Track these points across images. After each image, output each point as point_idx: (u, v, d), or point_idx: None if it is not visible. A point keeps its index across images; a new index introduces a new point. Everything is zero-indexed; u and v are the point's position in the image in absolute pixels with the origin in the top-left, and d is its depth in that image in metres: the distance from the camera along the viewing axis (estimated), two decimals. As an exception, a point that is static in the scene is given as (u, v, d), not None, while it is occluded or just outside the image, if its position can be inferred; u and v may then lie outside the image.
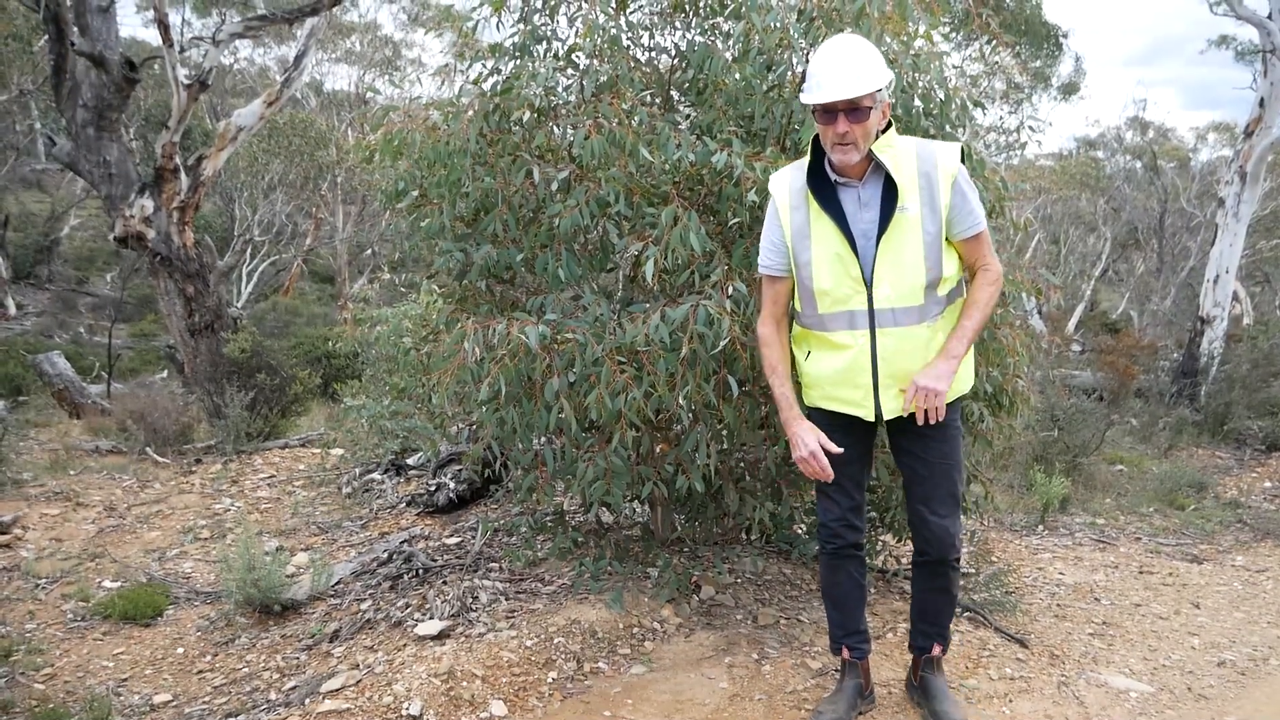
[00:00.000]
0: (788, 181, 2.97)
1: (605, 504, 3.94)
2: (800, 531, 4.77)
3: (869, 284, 2.85)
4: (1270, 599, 5.05)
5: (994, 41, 4.35)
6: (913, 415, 2.89)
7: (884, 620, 4.21)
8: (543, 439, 3.92)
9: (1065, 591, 4.97)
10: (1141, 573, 5.45)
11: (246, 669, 3.86)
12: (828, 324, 2.93)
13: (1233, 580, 5.39)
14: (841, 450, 2.95)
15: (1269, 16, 11.14)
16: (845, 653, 3.26)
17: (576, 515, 4.82)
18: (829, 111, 2.76)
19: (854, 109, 2.75)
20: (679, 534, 4.58)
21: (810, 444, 2.93)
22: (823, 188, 2.89)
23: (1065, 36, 14.93)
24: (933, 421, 2.86)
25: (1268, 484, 8.47)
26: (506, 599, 4.20)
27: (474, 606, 4.11)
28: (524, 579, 4.53)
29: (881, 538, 4.66)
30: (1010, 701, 3.48)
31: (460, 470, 5.85)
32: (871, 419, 2.98)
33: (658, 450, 3.74)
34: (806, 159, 2.94)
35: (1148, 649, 4.15)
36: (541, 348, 3.32)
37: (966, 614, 4.31)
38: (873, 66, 2.78)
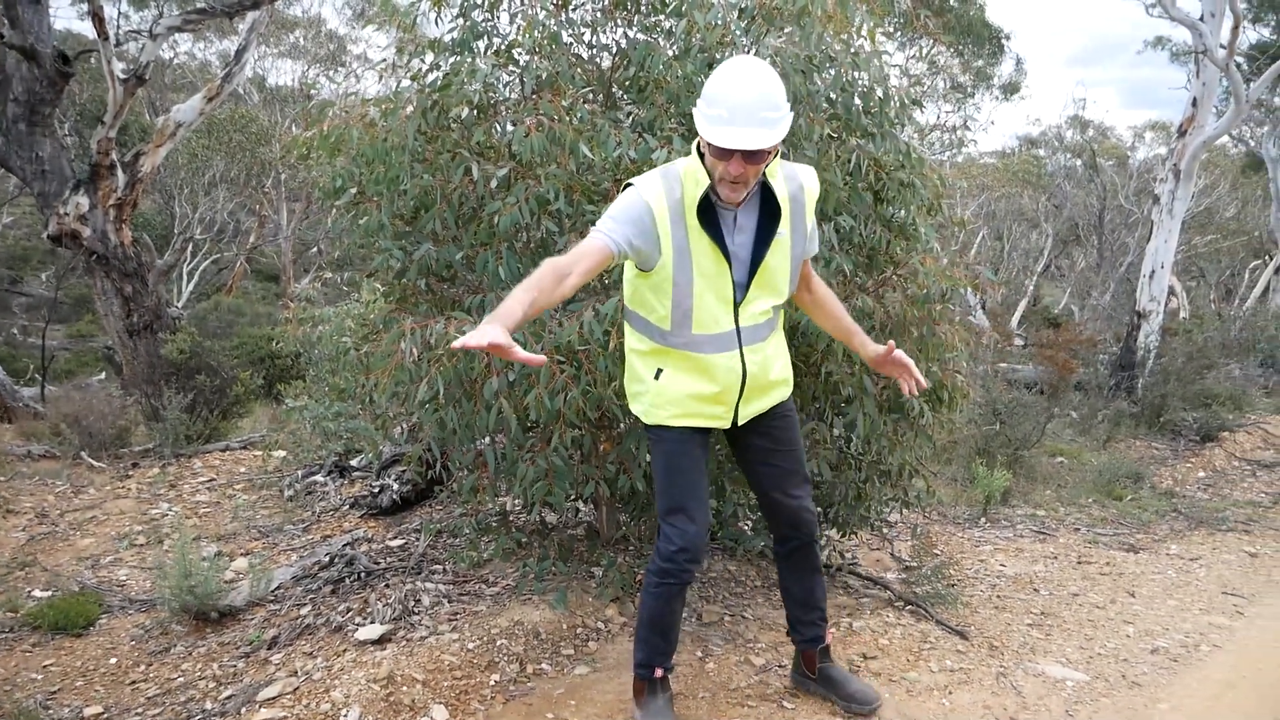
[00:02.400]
0: (664, 193, 2.75)
1: (548, 504, 3.91)
2: (745, 529, 4.78)
3: (738, 305, 2.85)
4: (1202, 586, 5.17)
5: (934, 42, 4.39)
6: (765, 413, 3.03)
7: (829, 616, 4.23)
8: (485, 439, 3.89)
9: (1005, 583, 5.04)
10: (1080, 563, 5.54)
11: (181, 678, 3.78)
12: (701, 346, 2.86)
13: (1167, 568, 5.50)
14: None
15: (1201, 19, 11.39)
16: (659, 672, 3.14)
17: (520, 516, 4.79)
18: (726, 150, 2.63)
19: (753, 153, 2.64)
20: (624, 532, 4.56)
21: (483, 338, 2.31)
22: (705, 208, 2.77)
23: (1007, 38, 15.22)
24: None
25: (1201, 474, 8.68)
26: (449, 601, 4.16)
27: (416, 610, 4.07)
28: (468, 581, 4.49)
29: (826, 532, 4.68)
30: (950, 693, 3.52)
31: (404, 472, 5.79)
32: (727, 426, 3.01)
33: (600, 449, 3.72)
34: (678, 168, 2.79)
35: (1084, 638, 4.22)
36: (480, 347, 3.28)
37: (908, 607, 4.35)
38: (784, 111, 2.67)
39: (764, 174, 2.77)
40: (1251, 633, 4.47)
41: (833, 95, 3.91)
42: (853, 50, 4.00)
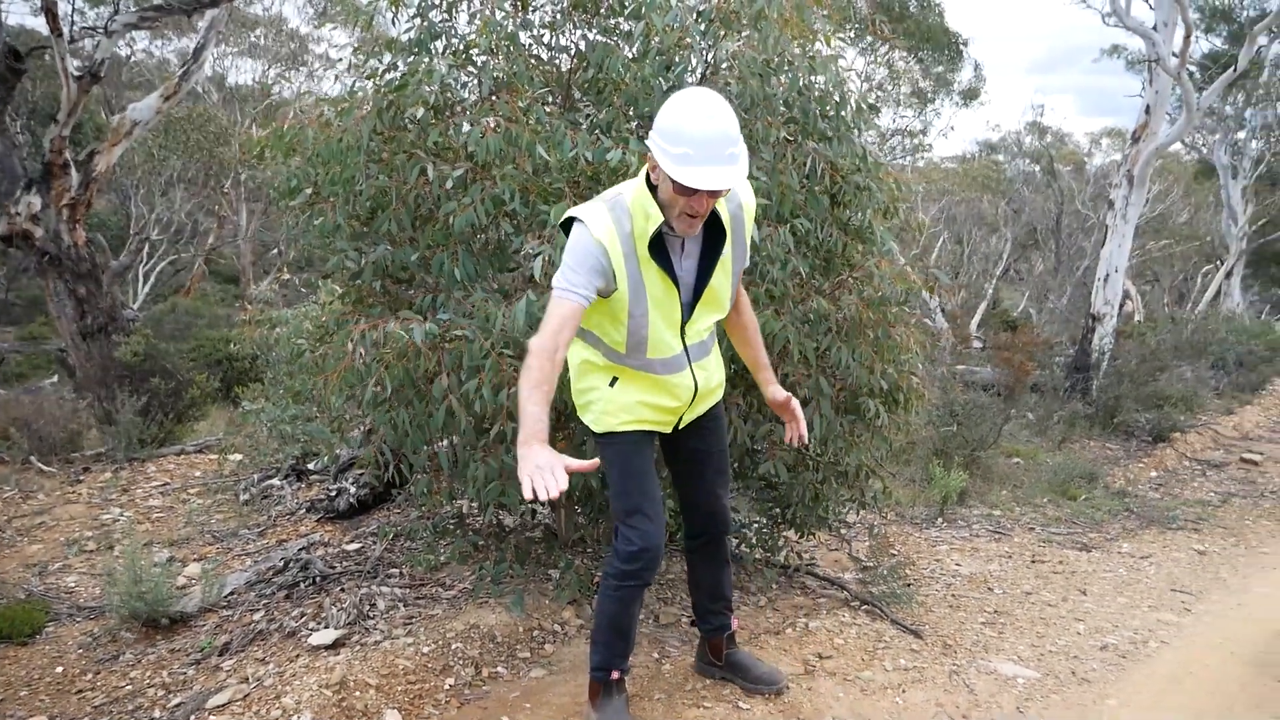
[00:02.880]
0: (614, 228, 2.73)
1: (503, 506, 3.89)
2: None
3: (684, 326, 2.92)
4: (1152, 584, 5.25)
5: (892, 47, 4.44)
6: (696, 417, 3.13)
7: (784, 615, 4.26)
8: (441, 441, 3.86)
9: (961, 582, 5.09)
10: (1034, 562, 5.61)
11: (130, 686, 3.71)
12: (655, 368, 2.94)
13: (1118, 566, 5.59)
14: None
15: (1154, 28, 11.58)
16: (615, 674, 3.14)
17: (477, 518, 4.76)
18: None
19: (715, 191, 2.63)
20: (581, 534, 4.55)
21: (549, 459, 2.42)
22: (655, 240, 2.76)
23: (965, 44, 15.38)
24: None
25: (1154, 473, 8.82)
26: (405, 605, 4.13)
27: (371, 614, 4.03)
28: (425, 584, 4.46)
29: (784, 534, 4.70)
30: (903, 692, 3.55)
31: (361, 475, 5.74)
32: (669, 431, 3.12)
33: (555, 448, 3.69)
34: (625, 200, 2.77)
35: (1036, 636, 4.27)
36: (429, 346, 3.26)
37: (864, 607, 4.38)
38: (743, 145, 2.66)
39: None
40: (1198, 629, 4.55)
41: (790, 99, 3.94)
42: (809, 54, 4.03)
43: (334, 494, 5.80)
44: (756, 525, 4.67)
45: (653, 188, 2.73)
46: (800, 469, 4.26)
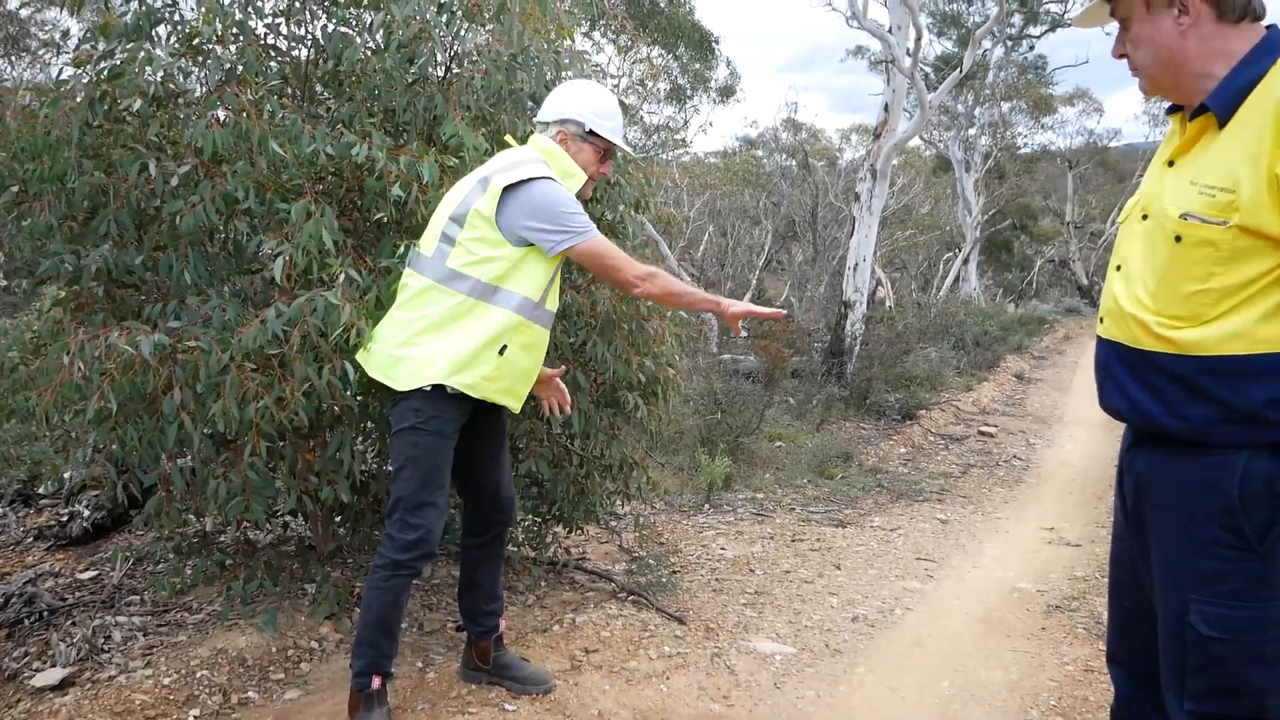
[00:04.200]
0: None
1: (252, 522, 3.68)
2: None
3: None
4: (899, 554, 5.62)
5: (633, 40, 4.51)
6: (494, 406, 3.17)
7: (552, 613, 4.26)
8: (177, 457, 3.61)
9: (725, 565, 5.25)
10: (794, 541, 5.87)
11: None
12: (546, 320, 3.16)
13: (870, 540, 5.94)
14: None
15: (890, 30, 12.40)
16: (377, 681, 3.07)
17: (224, 536, 4.49)
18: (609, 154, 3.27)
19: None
20: (340, 544, 4.38)
21: (744, 305, 3.13)
22: None
23: (717, 42, 15.93)
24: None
25: (903, 450, 9.45)
26: (145, 635, 3.83)
27: (106, 647, 3.72)
28: (169, 610, 4.16)
29: (552, 530, 4.70)
30: (667, 679, 3.62)
31: (96, 497, 5.29)
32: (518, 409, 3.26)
33: (303, 459, 3.53)
34: (551, 171, 3.12)
35: (793, 613, 4.47)
36: (159, 359, 3.03)
37: (631, 598, 4.44)
38: None
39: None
40: (940, 594, 4.90)
41: (537, 94, 3.92)
42: (555, 49, 4.02)
43: (65, 519, 5.31)
44: (524, 523, 4.65)
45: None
46: (563, 464, 4.27)
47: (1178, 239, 1.90)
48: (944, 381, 12.75)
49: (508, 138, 3.39)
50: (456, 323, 2.98)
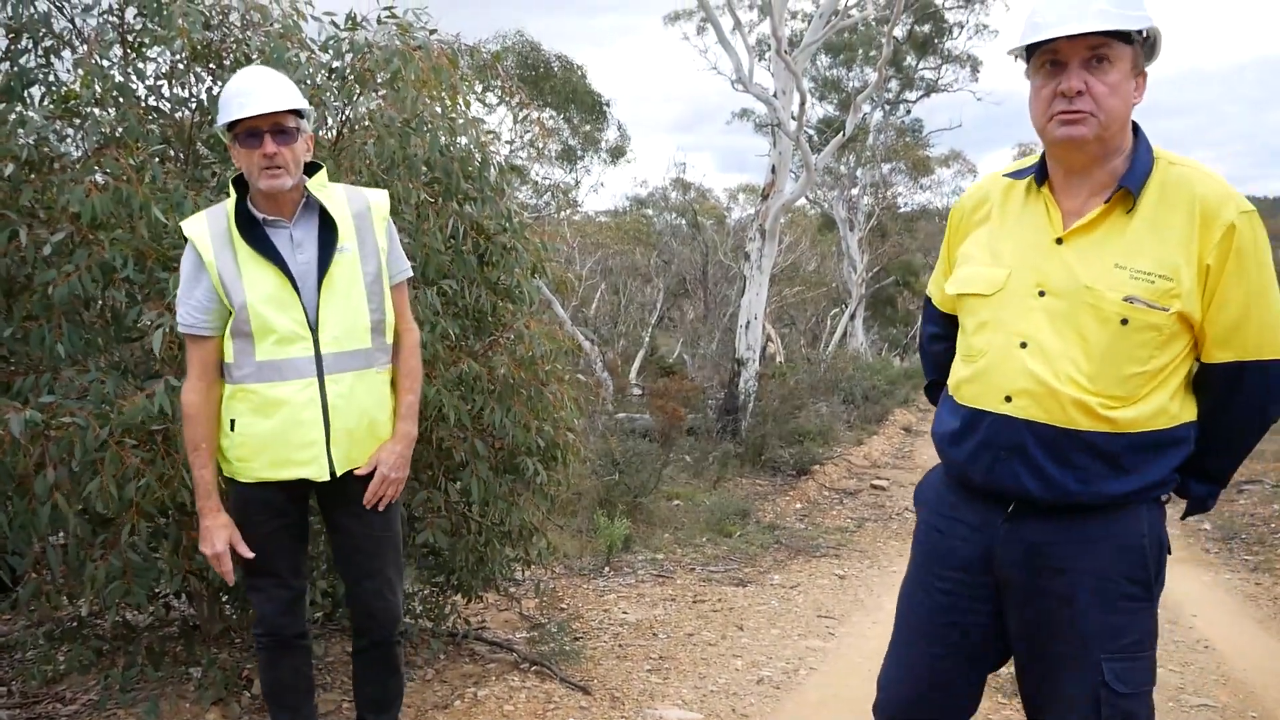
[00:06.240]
0: (207, 226, 2.75)
1: (132, 604, 3.48)
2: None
3: (314, 328, 2.75)
4: (801, 612, 5.65)
5: (522, 104, 4.54)
6: (354, 485, 2.86)
7: (453, 687, 4.13)
8: (51, 539, 3.39)
9: (628, 630, 5.19)
10: (695, 602, 5.85)
11: None
12: (267, 374, 2.73)
13: (771, 599, 5.96)
14: (252, 555, 2.78)
15: (774, 95, 12.80)
16: None
17: (100, 621, 4.24)
18: (254, 135, 2.65)
19: (281, 130, 2.67)
20: (228, 624, 4.17)
21: (219, 545, 2.74)
22: (251, 228, 2.74)
23: (609, 105, 16.25)
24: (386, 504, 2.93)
25: (799, 505, 9.56)
26: (10, 732, 3.57)
27: (-35, 748, 3.45)
28: (40, 701, 3.90)
29: (451, 599, 4.58)
30: (573, 753, 3.54)
31: (-44, 581, 4.94)
32: (326, 477, 2.79)
33: (189, 537, 3.36)
34: (228, 202, 2.80)
35: (698, 677, 4.44)
36: (30, 436, 2.86)
37: (534, 668, 4.35)
38: (294, 88, 2.79)
39: (314, 195, 2.80)
40: (841, 652, 4.93)
41: (431, 160, 3.89)
42: (450, 115, 4.01)
43: (-79, 607, 4.94)
44: (421, 594, 4.51)
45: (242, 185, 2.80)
46: (461, 533, 4.17)
47: (1124, 322, 1.91)
48: (836, 436, 13.01)
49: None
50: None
